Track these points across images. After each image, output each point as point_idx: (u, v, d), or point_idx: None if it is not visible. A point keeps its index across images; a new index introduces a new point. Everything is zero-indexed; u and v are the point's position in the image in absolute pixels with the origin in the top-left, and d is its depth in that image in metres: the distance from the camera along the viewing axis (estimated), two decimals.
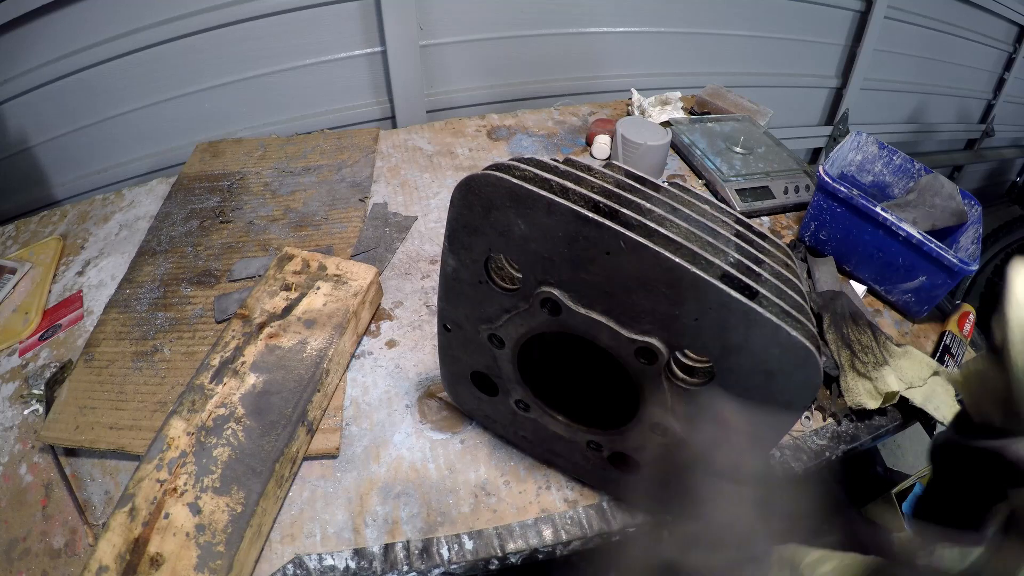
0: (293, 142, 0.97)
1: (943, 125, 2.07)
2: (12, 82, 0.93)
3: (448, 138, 1.01)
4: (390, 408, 0.60)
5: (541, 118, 1.09)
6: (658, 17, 1.33)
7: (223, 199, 0.84)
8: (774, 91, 1.59)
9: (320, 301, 0.62)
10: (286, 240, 0.77)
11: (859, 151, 0.89)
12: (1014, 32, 1.97)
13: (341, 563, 0.49)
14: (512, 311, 0.40)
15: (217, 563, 0.44)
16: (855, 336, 0.66)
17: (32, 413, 0.61)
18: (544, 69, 1.27)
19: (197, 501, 0.47)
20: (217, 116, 1.08)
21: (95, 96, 0.99)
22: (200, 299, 0.69)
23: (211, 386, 0.54)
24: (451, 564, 0.50)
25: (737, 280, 0.33)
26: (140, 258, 0.76)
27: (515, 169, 0.32)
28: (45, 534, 0.51)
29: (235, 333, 0.59)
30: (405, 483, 0.54)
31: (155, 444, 0.51)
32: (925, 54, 1.80)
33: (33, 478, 0.56)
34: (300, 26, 1.04)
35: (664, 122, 1.04)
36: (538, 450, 0.53)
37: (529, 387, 0.46)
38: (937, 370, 0.65)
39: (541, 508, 0.53)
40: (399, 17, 1.06)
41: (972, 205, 0.77)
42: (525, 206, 0.32)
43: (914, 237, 0.69)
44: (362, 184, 0.87)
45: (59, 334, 0.69)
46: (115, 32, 0.95)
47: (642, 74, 1.38)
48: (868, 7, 1.55)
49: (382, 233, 0.79)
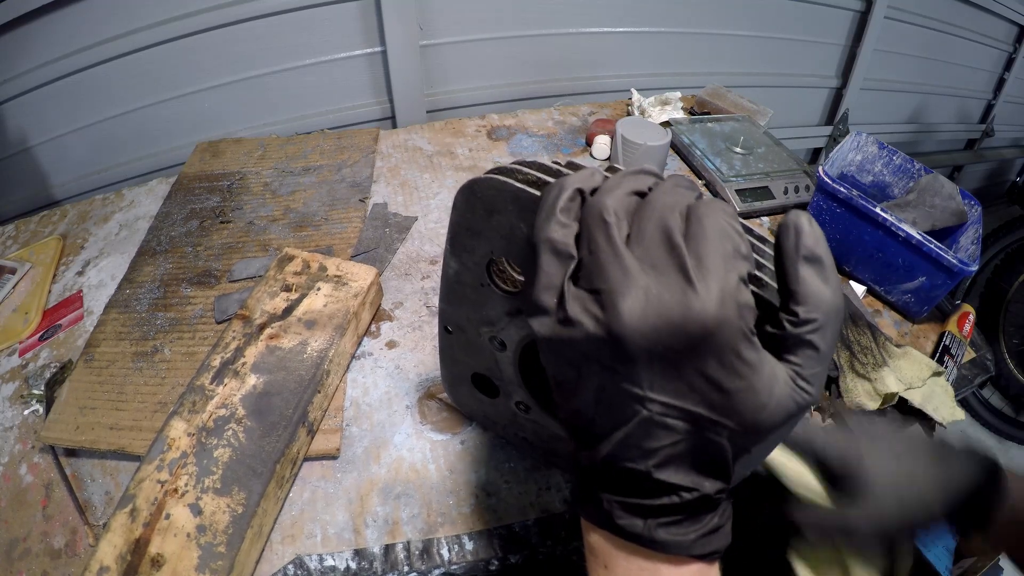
0: (293, 142, 0.97)
1: (943, 125, 2.07)
2: (12, 82, 0.93)
3: (448, 138, 1.01)
4: (390, 409, 0.60)
5: (541, 118, 1.09)
6: (658, 17, 1.33)
7: (223, 199, 0.84)
8: (774, 91, 1.59)
9: (320, 302, 0.62)
10: (286, 240, 0.77)
11: (859, 151, 0.89)
12: (1014, 32, 1.97)
13: (342, 563, 0.49)
14: (514, 314, 0.40)
15: (218, 564, 0.44)
16: (854, 337, 0.66)
17: (32, 413, 0.61)
18: (544, 69, 1.27)
19: (198, 502, 0.47)
20: (217, 116, 1.08)
21: (95, 96, 0.99)
22: (200, 299, 0.69)
23: (212, 387, 0.54)
24: (451, 564, 0.50)
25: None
26: (140, 258, 0.76)
27: (518, 172, 0.32)
28: (45, 534, 0.52)
29: (235, 334, 0.59)
30: (405, 484, 0.54)
31: (156, 445, 0.51)
32: (925, 54, 1.80)
33: (33, 478, 0.56)
34: (300, 26, 1.04)
35: (664, 122, 1.04)
36: (539, 451, 0.53)
37: (531, 389, 0.46)
38: (936, 371, 0.65)
39: (541, 509, 0.53)
40: (399, 17, 1.06)
41: (972, 205, 0.77)
42: (528, 210, 0.32)
43: (914, 237, 0.69)
44: (362, 184, 0.87)
45: (59, 334, 0.69)
46: (115, 32, 0.95)
47: (642, 74, 1.38)
48: (868, 7, 1.55)
49: (382, 234, 0.79)
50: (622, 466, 0.23)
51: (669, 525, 0.24)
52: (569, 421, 0.26)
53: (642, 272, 0.21)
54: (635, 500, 0.24)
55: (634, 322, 0.21)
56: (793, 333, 0.22)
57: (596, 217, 0.23)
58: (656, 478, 0.23)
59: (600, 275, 0.22)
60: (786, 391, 0.22)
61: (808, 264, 0.22)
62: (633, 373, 0.22)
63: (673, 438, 0.22)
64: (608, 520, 0.25)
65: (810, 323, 0.22)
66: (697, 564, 0.25)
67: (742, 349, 0.21)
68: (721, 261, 0.21)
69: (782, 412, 0.22)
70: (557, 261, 0.23)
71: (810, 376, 0.22)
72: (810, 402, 0.23)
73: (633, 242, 0.22)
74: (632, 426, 0.23)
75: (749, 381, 0.21)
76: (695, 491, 0.23)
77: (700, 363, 0.21)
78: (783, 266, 0.22)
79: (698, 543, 0.24)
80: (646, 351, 0.21)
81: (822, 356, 0.22)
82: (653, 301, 0.21)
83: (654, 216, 0.22)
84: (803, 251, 0.22)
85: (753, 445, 0.23)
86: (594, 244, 0.22)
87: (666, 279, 0.21)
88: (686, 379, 0.21)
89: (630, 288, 0.21)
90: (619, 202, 0.23)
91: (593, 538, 0.27)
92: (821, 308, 0.22)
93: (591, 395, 0.24)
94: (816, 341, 0.22)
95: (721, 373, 0.21)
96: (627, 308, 0.21)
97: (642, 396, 0.22)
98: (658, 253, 0.21)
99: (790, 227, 0.22)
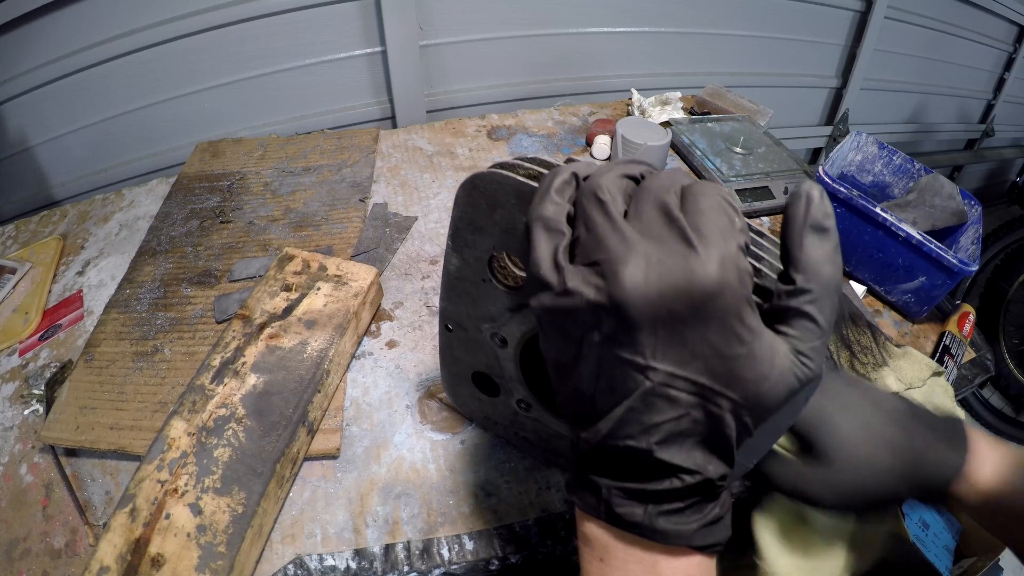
0: (293, 142, 0.97)
1: (943, 125, 2.07)
2: (12, 82, 0.93)
3: (448, 138, 1.02)
4: (390, 409, 0.60)
5: (541, 118, 1.09)
6: (658, 17, 1.33)
7: (223, 199, 0.84)
8: (774, 91, 1.59)
9: (321, 302, 0.62)
10: (286, 240, 0.77)
11: (859, 151, 0.89)
12: (1014, 32, 1.97)
13: (342, 563, 0.49)
14: (516, 309, 0.40)
15: (218, 563, 0.44)
16: (854, 337, 0.66)
17: (32, 413, 0.61)
18: (544, 69, 1.27)
19: (198, 502, 0.47)
20: (217, 116, 1.08)
21: (95, 96, 0.99)
22: (200, 299, 0.69)
23: (212, 386, 0.54)
24: (452, 564, 0.50)
25: None
26: (140, 258, 0.76)
27: (520, 167, 0.32)
28: (46, 534, 0.52)
29: (236, 333, 0.59)
30: (406, 484, 0.54)
31: (156, 444, 0.51)
32: (925, 54, 1.80)
33: (33, 478, 0.56)
34: (300, 26, 1.04)
35: (664, 122, 1.04)
36: (539, 450, 0.53)
37: (531, 386, 0.46)
38: (937, 371, 0.65)
39: (541, 508, 0.53)
40: (399, 17, 1.06)
41: (972, 205, 0.77)
42: (529, 204, 0.33)
43: (914, 237, 0.69)
44: (362, 184, 0.87)
45: (59, 334, 0.69)
46: (115, 32, 0.95)
47: (642, 74, 1.38)
48: (868, 7, 1.55)
49: (382, 233, 0.79)
50: (623, 444, 0.23)
51: (670, 513, 0.23)
52: (568, 402, 0.26)
53: (642, 240, 0.21)
54: (635, 485, 0.24)
55: (637, 287, 0.20)
56: (790, 305, 0.22)
57: (590, 195, 0.23)
58: (657, 457, 0.23)
59: (599, 247, 0.22)
60: (787, 364, 0.22)
61: (814, 233, 0.22)
62: (635, 342, 0.21)
63: (676, 412, 0.22)
64: (606, 509, 0.24)
65: (806, 293, 0.22)
66: (697, 556, 0.24)
67: (744, 314, 0.21)
68: (719, 231, 0.21)
69: (783, 386, 0.22)
70: (548, 235, 0.23)
71: (809, 350, 0.22)
72: (811, 377, 0.23)
73: (631, 218, 0.22)
74: (634, 399, 0.22)
75: (751, 348, 0.21)
76: (697, 474, 0.23)
77: (703, 328, 0.21)
78: (788, 232, 0.22)
79: (699, 533, 0.24)
80: (649, 316, 0.21)
81: (820, 329, 0.22)
82: (655, 266, 0.21)
83: (651, 196, 0.22)
84: (811, 220, 0.22)
85: (756, 422, 0.23)
86: (590, 220, 0.22)
87: (667, 246, 0.21)
88: (689, 346, 0.21)
89: (631, 255, 0.21)
90: (613, 182, 0.23)
91: (589, 529, 0.26)
92: (820, 279, 0.22)
93: (591, 370, 0.23)
94: (813, 312, 0.22)
95: (723, 338, 0.21)
96: (628, 274, 0.21)
97: (644, 365, 0.22)
98: (657, 226, 0.21)
99: (802, 196, 0.22)
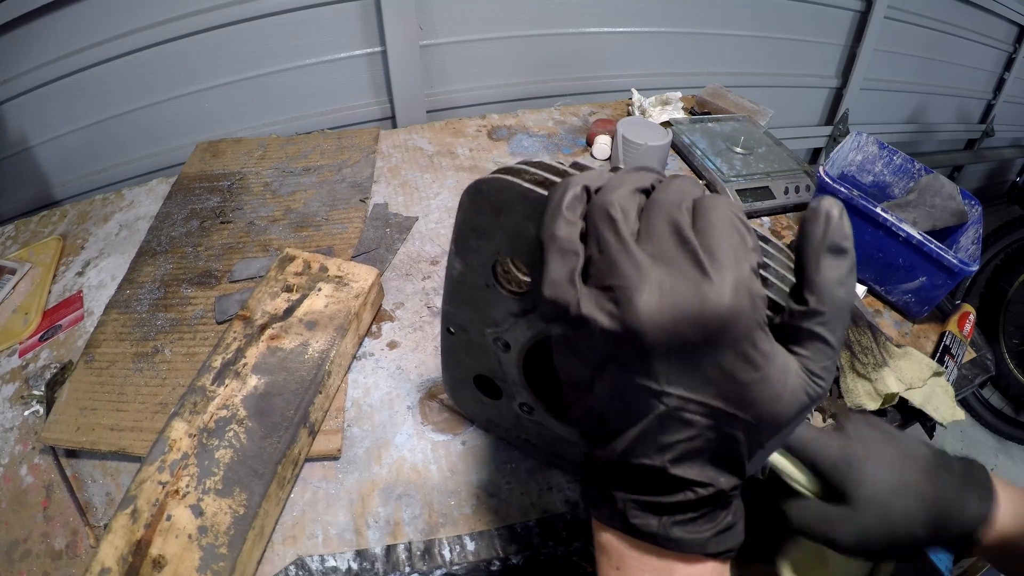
0: (293, 142, 0.97)
1: (943, 125, 2.07)
2: (12, 82, 0.93)
3: (448, 138, 1.01)
4: (391, 410, 0.60)
5: (541, 118, 1.09)
6: (658, 17, 1.33)
7: (223, 199, 0.84)
8: (774, 91, 1.59)
9: (321, 302, 0.62)
10: (287, 241, 0.77)
11: (859, 151, 0.89)
12: (1014, 32, 1.97)
13: (343, 564, 0.49)
14: (520, 315, 0.40)
15: (219, 565, 0.44)
16: (855, 337, 0.66)
17: (32, 414, 0.61)
18: (544, 69, 1.27)
19: (199, 503, 0.47)
20: (217, 116, 1.08)
21: (95, 96, 0.99)
22: (201, 300, 0.69)
23: (212, 388, 0.54)
24: (453, 565, 0.50)
25: None
26: (140, 258, 0.76)
27: (524, 172, 0.32)
28: (46, 535, 0.51)
29: (236, 334, 0.59)
30: (407, 484, 0.54)
31: (157, 446, 0.51)
32: (925, 54, 1.80)
33: (34, 479, 0.56)
34: (300, 26, 1.04)
35: (664, 122, 1.04)
36: (541, 453, 0.53)
37: (535, 390, 0.45)
38: (937, 371, 0.65)
39: (543, 509, 0.53)
40: (399, 17, 1.06)
41: (972, 205, 0.77)
42: (535, 209, 0.32)
43: (914, 238, 0.69)
44: (362, 184, 0.87)
45: (59, 335, 0.69)
46: (115, 32, 0.94)
47: (642, 74, 1.38)
48: (868, 7, 1.55)
49: (383, 234, 0.79)
50: (637, 462, 0.23)
51: (684, 523, 0.24)
52: (582, 420, 0.26)
53: (654, 266, 0.21)
54: (650, 498, 0.24)
55: (651, 316, 0.20)
56: (803, 326, 0.22)
57: (602, 214, 0.22)
58: (672, 473, 0.23)
59: (612, 272, 0.21)
60: (799, 383, 0.22)
61: (831, 255, 0.22)
62: (649, 368, 0.22)
63: (689, 432, 0.22)
64: (622, 519, 0.25)
65: (819, 315, 0.22)
66: (711, 563, 0.25)
67: (757, 339, 0.21)
68: (732, 252, 0.21)
69: (796, 404, 0.22)
70: (562, 258, 0.23)
71: (820, 369, 0.22)
72: (822, 394, 0.23)
73: (643, 238, 0.22)
74: (648, 421, 0.22)
75: (764, 372, 0.21)
76: (710, 487, 0.23)
77: (716, 355, 0.21)
78: (805, 252, 0.22)
79: (713, 541, 0.24)
80: (663, 345, 0.21)
81: (832, 350, 0.22)
82: (668, 294, 0.20)
83: (662, 212, 0.22)
84: (829, 242, 0.22)
85: (767, 439, 0.23)
86: (603, 241, 0.22)
87: (679, 272, 0.21)
88: (702, 372, 0.21)
89: (644, 282, 0.21)
90: (624, 199, 0.23)
91: (605, 538, 0.27)
92: (834, 302, 0.22)
93: (606, 392, 0.24)
94: (825, 335, 0.22)
95: (737, 364, 0.21)
96: (642, 302, 0.21)
97: (658, 391, 0.22)
98: (669, 247, 0.21)
99: (821, 214, 0.22)
